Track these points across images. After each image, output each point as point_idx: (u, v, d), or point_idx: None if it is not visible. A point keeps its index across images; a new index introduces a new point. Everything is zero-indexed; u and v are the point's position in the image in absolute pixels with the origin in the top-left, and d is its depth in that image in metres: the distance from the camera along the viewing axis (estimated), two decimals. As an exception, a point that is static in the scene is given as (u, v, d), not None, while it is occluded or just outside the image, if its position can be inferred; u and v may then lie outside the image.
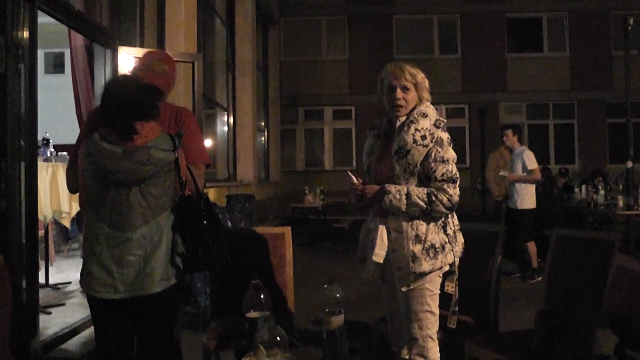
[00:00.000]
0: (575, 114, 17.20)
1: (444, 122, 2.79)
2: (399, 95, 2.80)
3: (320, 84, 17.13)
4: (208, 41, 10.97)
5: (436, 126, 2.75)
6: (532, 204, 7.23)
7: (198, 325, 4.98)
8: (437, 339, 2.86)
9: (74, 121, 5.50)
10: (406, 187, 2.73)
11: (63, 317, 4.74)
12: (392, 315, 3.01)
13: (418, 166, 2.73)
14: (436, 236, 2.77)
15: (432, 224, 2.77)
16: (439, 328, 2.88)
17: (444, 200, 2.71)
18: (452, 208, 2.76)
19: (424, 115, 2.77)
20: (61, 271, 6.79)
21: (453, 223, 2.86)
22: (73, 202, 5.74)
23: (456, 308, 2.91)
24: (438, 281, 2.82)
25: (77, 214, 6.23)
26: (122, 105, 2.52)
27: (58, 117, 12.68)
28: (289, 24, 17.43)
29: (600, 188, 9.11)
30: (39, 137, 4.48)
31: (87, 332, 4.41)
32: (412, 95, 2.83)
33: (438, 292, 2.83)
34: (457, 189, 2.76)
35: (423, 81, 2.84)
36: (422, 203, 2.70)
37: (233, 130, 11.78)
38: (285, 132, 16.96)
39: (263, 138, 15.16)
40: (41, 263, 5.01)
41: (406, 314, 2.83)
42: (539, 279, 7.00)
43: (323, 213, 11.37)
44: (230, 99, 11.74)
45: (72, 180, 2.77)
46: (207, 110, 10.26)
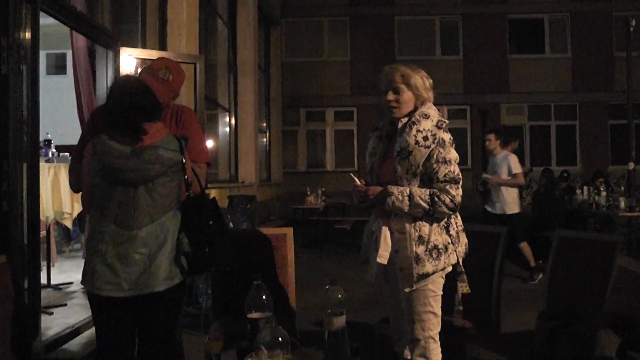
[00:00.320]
0: (577, 115, 17.19)
1: (446, 123, 2.79)
2: (390, 97, 2.83)
3: (322, 85, 17.14)
4: (210, 42, 10.99)
5: (438, 127, 2.75)
6: (517, 208, 7.24)
7: (200, 326, 4.97)
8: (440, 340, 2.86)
9: (76, 122, 5.51)
10: (409, 189, 2.74)
11: (65, 318, 4.74)
12: (395, 316, 3.00)
13: (420, 167, 2.73)
14: (439, 237, 2.77)
15: (435, 225, 2.77)
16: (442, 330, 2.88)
17: (447, 201, 2.71)
18: (455, 209, 2.76)
19: (426, 116, 2.77)
20: (63, 272, 6.79)
21: (456, 224, 2.86)
22: (75, 203, 5.75)
23: (461, 307, 2.91)
24: (441, 282, 2.83)
25: (79, 215, 6.24)
26: (130, 107, 2.53)
27: (60, 118, 12.69)
28: (291, 25, 17.44)
29: (601, 189, 9.10)
30: (41, 138, 4.48)
31: (89, 333, 4.41)
32: (407, 96, 2.83)
33: (441, 293, 2.83)
34: (460, 190, 2.75)
35: (422, 82, 2.83)
36: (425, 204, 2.70)
37: (235, 131, 11.79)
38: (286, 133, 16.96)
39: (265, 139, 15.16)
40: (43, 264, 5.00)
41: (409, 315, 2.83)
42: (540, 277, 7.08)
43: (325, 214, 11.37)
44: (232, 100, 11.75)
45: (75, 179, 2.78)
46: (209, 111, 10.27)
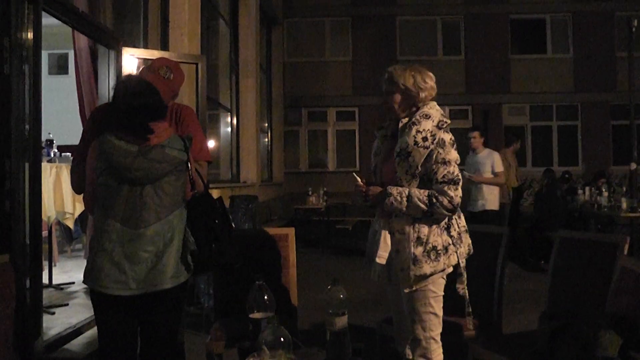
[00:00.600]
0: (578, 116, 17.16)
1: (447, 123, 2.78)
2: (384, 99, 2.89)
3: (323, 85, 17.12)
4: (212, 42, 10.99)
5: (438, 127, 2.75)
6: (497, 206, 7.23)
7: (201, 326, 4.98)
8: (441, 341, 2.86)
9: (78, 122, 5.50)
10: (408, 190, 2.74)
11: (66, 318, 4.74)
12: (398, 315, 3.01)
13: (419, 168, 2.73)
14: (438, 238, 2.76)
15: (435, 226, 2.77)
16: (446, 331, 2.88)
17: (445, 202, 2.70)
18: (454, 210, 2.75)
19: (427, 116, 2.77)
20: (65, 272, 6.80)
21: (458, 224, 2.86)
22: (77, 203, 5.76)
23: (470, 309, 2.90)
24: (442, 283, 2.83)
25: (81, 215, 6.24)
26: (137, 106, 2.53)
27: (62, 118, 12.68)
28: (293, 25, 17.43)
29: (603, 190, 9.09)
30: (43, 138, 4.48)
31: (91, 333, 4.42)
32: (399, 98, 2.85)
33: (442, 294, 2.83)
34: (459, 191, 2.75)
35: (412, 81, 2.82)
36: (423, 205, 2.70)
37: (236, 131, 11.78)
38: (288, 133, 16.95)
39: (266, 139, 15.16)
40: (45, 263, 5.01)
41: (410, 315, 2.84)
42: None
43: (326, 214, 11.37)
44: (233, 100, 11.74)
45: (78, 180, 2.77)
46: (211, 111, 10.26)
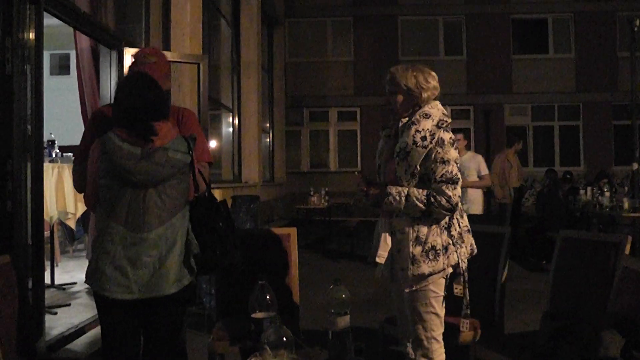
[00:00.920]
0: (580, 116, 17.14)
1: (447, 123, 2.77)
2: (387, 99, 2.88)
3: (325, 86, 17.13)
4: (213, 42, 10.98)
5: (438, 126, 2.74)
6: (480, 210, 7.20)
7: (204, 325, 4.98)
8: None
9: (80, 122, 5.51)
10: (407, 189, 2.74)
11: (68, 318, 4.75)
12: (401, 314, 3.00)
13: (418, 167, 2.73)
14: (438, 238, 2.76)
15: (435, 226, 2.77)
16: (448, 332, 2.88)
17: (443, 201, 2.70)
18: (452, 209, 2.74)
19: (427, 115, 2.77)
20: (67, 272, 6.81)
21: (459, 224, 2.85)
22: (79, 203, 5.76)
23: (468, 311, 2.89)
24: (442, 283, 2.82)
25: (83, 215, 6.25)
26: (140, 106, 2.49)
27: (63, 119, 12.70)
28: (294, 26, 17.44)
29: (605, 190, 9.07)
30: (45, 139, 4.49)
31: (93, 333, 4.42)
32: (402, 98, 2.84)
33: (443, 294, 2.82)
34: (457, 190, 2.74)
35: (415, 81, 2.81)
36: (421, 204, 2.70)
37: (238, 131, 11.78)
38: (290, 134, 16.95)
39: (268, 139, 15.16)
40: (47, 264, 5.02)
41: (411, 315, 2.84)
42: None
43: (328, 214, 11.38)
44: (235, 100, 11.74)
45: (80, 179, 2.74)
46: (212, 111, 10.26)
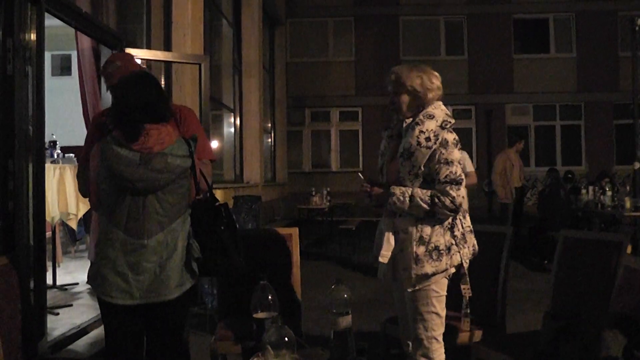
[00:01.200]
0: (582, 116, 17.14)
1: (451, 123, 2.77)
2: (390, 100, 2.87)
3: (326, 86, 17.14)
4: (215, 43, 11.00)
5: (442, 127, 2.74)
6: (465, 207, 7.18)
7: (205, 326, 4.98)
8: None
9: (81, 123, 5.51)
10: (411, 189, 2.74)
11: (70, 318, 4.76)
12: (403, 314, 3.00)
13: (422, 168, 2.73)
14: (441, 238, 2.76)
15: (438, 226, 2.77)
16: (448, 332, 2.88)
17: (447, 202, 2.70)
18: (456, 210, 2.74)
19: (430, 116, 2.76)
20: (68, 272, 6.81)
21: (462, 224, 2.85)
22: (80, 204, 5.77)
23: (468, 310, 2.90)
24: (444, 283, 2.82)
25: (84, 216, 6.25)
26: (138, 105, 2.45)
27: (65, 119, 12.70)
28: (296, 26, 17.45)
29: (607, 189, 9.06)
30: (46, 139, 4.49)
31: (95, 333, 4.42)
32: (405, 98, 2.83)
33: (444, 294, 2.82)
34: (461, 190, 2.74)
35: (420, 82, 2.80)
36: (425, 205, 2.70)
37: (240, 131, 11.80)
38: (291, 134, 16.97)
39: (270, 139, 15.17)
40: (48, 264, 5.02)
41: (412, 315, 2.84)
42: None
43: (330, 214, 11.37)
44: (236, 101, 11.76)
45: (84, 184, 2.73)
46: (214, 111, 10.26)
